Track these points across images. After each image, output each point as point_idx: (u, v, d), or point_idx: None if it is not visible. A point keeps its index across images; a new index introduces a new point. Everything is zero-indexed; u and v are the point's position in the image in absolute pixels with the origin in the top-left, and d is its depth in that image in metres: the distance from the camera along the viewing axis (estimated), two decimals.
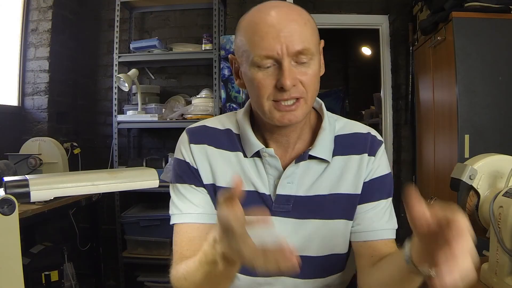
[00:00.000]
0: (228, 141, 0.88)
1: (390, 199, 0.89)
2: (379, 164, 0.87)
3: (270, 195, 0.85)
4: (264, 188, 0.85)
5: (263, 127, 0.86)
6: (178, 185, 0.88)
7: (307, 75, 0.76)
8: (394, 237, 0.87)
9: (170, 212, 0.88)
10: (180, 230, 0.85)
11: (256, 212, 0.61)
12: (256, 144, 0.84)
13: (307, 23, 0.77)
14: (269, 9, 0.77)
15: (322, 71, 0.84)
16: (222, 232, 0.62)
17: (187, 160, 0.87)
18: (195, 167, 0.86)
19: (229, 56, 0.88)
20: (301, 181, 0.85)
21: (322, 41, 0.83)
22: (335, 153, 0.86)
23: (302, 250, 0.86)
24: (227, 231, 0.60)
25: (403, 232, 0.88)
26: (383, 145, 0.90)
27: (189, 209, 0.85)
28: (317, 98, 0.87)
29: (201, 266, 0.71)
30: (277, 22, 0.75)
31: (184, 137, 0.90)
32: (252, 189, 0.85)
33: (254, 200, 0.85)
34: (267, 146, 0.86)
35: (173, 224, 0.87)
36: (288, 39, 0.73)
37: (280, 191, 0.84)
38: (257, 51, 0.75)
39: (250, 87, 0.80)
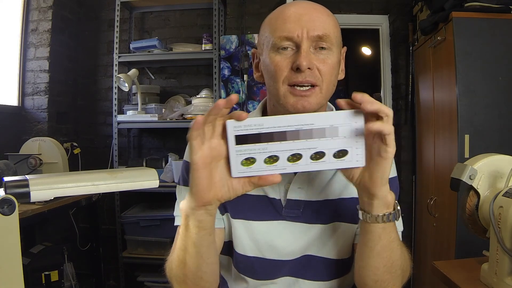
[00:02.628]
0: None
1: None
2: None
3: (280, 199, 0.85)
4: (274, 193, 0.85)
5: None
6: (183, 187, 0.88)
7: (325, 63, 0.77)
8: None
9: (174, 213, 0.88)
10: None
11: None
12: None
13: (330, 16, 0.80)
14: (295, 3, 0.81)
15: (342, 76, 0.86)
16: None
17: None
18: None
19: (251, 50, 0.89)
20: (311, 186, 0.85)
21: (345, 47, 0.85)
22: None
23: (308, 252, 0.86)
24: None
25: (403, 232, 0.87)
26: None
27: None
28: (330, 104, 0.88)
29: (179, 240, 0.73)
30: (301, 8, 0.77)
31: None
32: (261, 193, 0.85)
33: (264, 205, 0.85)
34: None
35: (177, 225, 0.86)
36: (309, 24, 0.75)
37: (291, 196, 0.84)
38: (278, 33, 0.76)
39: (267, 73, 0.80)
